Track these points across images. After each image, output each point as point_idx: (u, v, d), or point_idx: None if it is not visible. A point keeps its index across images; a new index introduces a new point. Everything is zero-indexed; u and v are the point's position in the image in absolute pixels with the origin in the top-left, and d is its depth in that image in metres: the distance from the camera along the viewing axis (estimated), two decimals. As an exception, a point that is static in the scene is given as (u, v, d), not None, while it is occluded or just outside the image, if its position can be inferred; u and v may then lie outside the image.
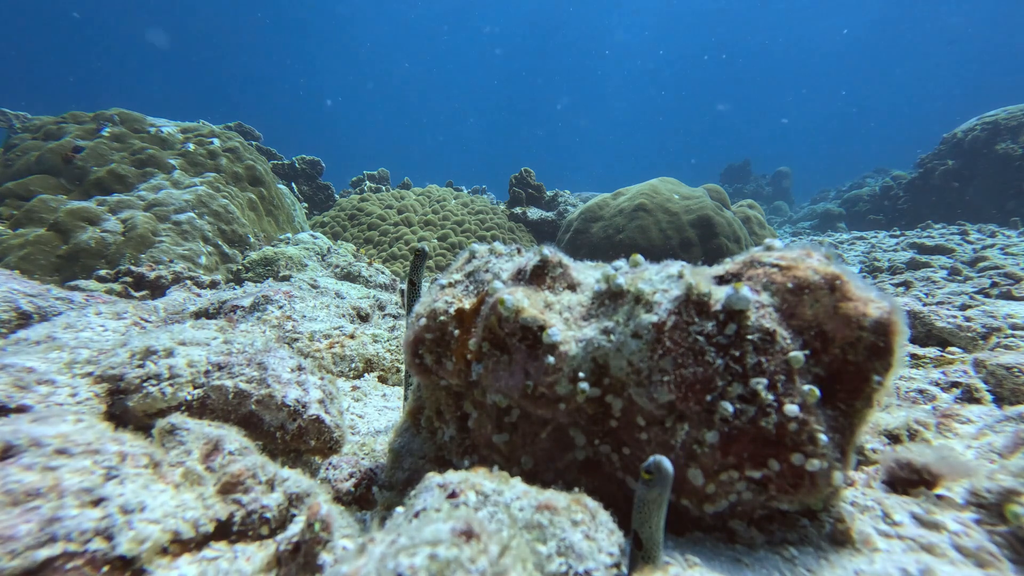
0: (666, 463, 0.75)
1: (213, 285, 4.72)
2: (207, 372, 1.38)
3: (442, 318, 1.18)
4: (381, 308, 4.06)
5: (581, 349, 1.02)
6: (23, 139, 5.78)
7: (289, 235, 6.68)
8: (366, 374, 2.50)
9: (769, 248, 1.09)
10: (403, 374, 2.54)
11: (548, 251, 1.17)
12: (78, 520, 0.84)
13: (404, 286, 5.18)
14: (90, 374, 1.31)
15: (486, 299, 1.14)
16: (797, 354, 0.94)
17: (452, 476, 0.86)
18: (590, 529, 0.78)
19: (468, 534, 0.64)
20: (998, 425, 1.47)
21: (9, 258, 4.63)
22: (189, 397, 1.33)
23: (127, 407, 1.28)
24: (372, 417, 2.00)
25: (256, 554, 0.99)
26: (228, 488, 1.05)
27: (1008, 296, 4.12)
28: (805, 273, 0.99)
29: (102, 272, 4.58)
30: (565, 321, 1.07)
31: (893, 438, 1.43)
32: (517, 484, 0.85)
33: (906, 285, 5.14)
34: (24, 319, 2.10)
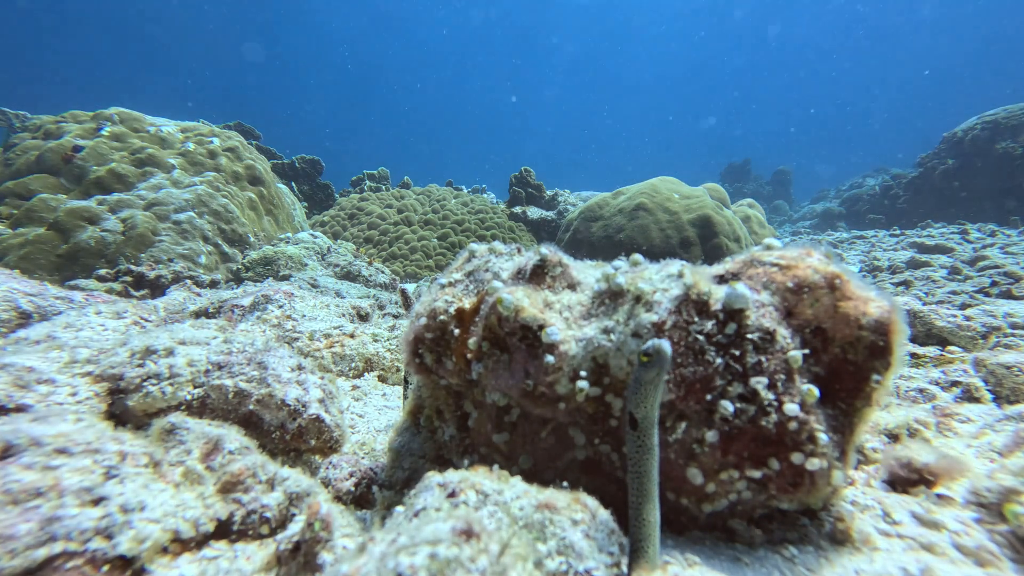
0: (665, 345, 0.75)
1: (213, 284, 4.72)
2: (207, 371, 1.38)
3: (442, 317, 1.18)
4: (381, 307, 4.06)
5: (581, 348, 1.02)
6: (23, 138, 5.78)
7: (289, 234, 6.68)
8: (366, 373, 2.50)
9: (769, 247, 1.09)
10: (403, 374, 2.54)
11: (548, 250, 1.17)
12: (78, 519, 0.84)
13: (404, 285, 5.18)
14: (90, 373, 1.31)
15: (486, 298, 1.14)
16: (797, 353, 0.94)
17: (452, 475, 0.86)
18: (590, 528, 0.78)
19: (468, 533, 0.64)
20: (998, 424, 1.47)
21: (9, 257, 4.63)
22: (189, 396, 1.33)
23: (127, 406, 1.28)
24: (372, 416, 2.00)
25: (256, 553, 0.99)
26: (228, 487, 1.05)
27: (1008, 295, 4.11)
28: (805, 272, 0.99)
29: (102, 271, 4.58)
30: (565, 320, 1.07)
31: (893, 437, 1.43)
32: (517, 483, 0.85)
33: (906, 284, 5.13)
34: (24, 318, 2.10)
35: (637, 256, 1.19)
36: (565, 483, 0.95)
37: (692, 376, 0.94)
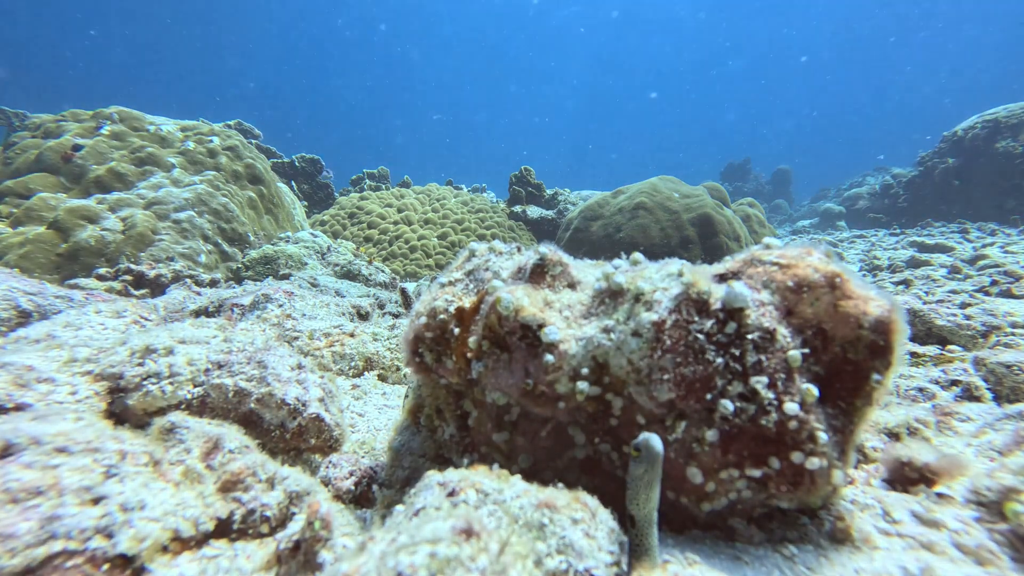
0: (654, 440, 0.75)
1: (213, 283, 4.72)
2: (207, 370, 1.38)
3: (442, 316, 1.18)
4: (381, 306, 4.06)
5: (581, 347, 1.02)
6: (22, 137, 5.77)
7: (289, 233, 6.68)
8: (366, 372, 2.50)
9: (769, 247, 1.09)
10: (402, 373, 2.54)
11: (547, 249, 1.17)
12: (78, 518, 0.84)
13: (403, 284, 5.19)
14: (90, 372, 1.31)
15: (486, 297, 1.14)
16: (796, 352, 0.94)
17: (452, 474, 0.86)
18: (590, 527, 0.78)
19: (468, 532, 0.64)
20: (998, 423, 1.47)
21: (9, 256, 4.63)
22: (189, 395, 1.33)
23: (127, 405, 1.28)
24: (372, 415, 2.00)
25: (256, 552, 0.99)
26: (228, 486, 1.05)
27: (1008, 294, 4.11)
28: (805, 271, 0.99)
29: (102, 270, 4.57)
30: (565, 319, 1.07)
31: (893, 436, 1.43)
32: (517, 482, 0.85)
33: (906, 283, 5.13)
34: (24, 317, 2.10)
35: (637, 255, 1.19)
36: (561, 484, 0.95)
37: (692, 375, 0.94)
